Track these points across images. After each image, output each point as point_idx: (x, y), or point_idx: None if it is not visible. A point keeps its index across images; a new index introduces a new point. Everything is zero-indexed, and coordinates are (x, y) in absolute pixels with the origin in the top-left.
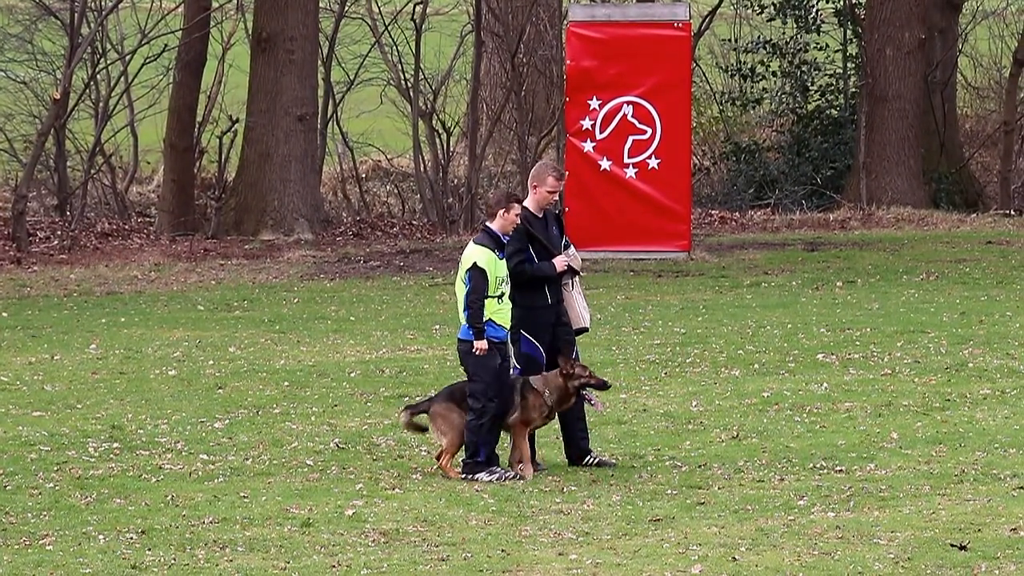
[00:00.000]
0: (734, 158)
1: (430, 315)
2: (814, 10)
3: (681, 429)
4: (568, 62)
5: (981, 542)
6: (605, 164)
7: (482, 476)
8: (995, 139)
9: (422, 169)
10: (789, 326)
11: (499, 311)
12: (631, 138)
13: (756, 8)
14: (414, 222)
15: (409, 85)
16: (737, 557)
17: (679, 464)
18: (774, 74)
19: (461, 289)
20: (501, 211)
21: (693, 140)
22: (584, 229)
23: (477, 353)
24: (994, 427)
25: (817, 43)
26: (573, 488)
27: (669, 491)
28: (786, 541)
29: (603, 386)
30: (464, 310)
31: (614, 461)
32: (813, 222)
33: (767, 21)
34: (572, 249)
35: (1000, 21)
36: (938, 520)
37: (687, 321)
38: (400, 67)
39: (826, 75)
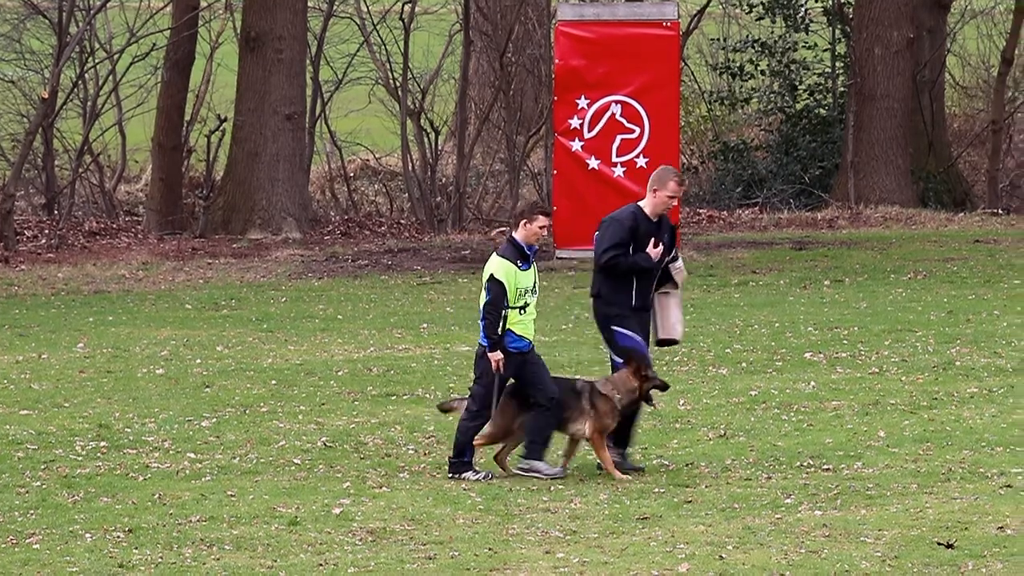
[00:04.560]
0: (722, 157)
1: (418, 314)
2: (803, 9)
3: (669, 428)
4: (556, 61)
5: (968, 540)
6: (593, 163)
7: (468, 475)
8: (983, 138)
9: (410, 168)
10: (777, 325)
11: (521, 322)
12: (619, 137)
13: (745, 7)
14: (402, 221)
15: (397, 84)
16: (724, 555)
17: (667, 463)
18: (763, 73)
19: (482, 299)
20: (524, 222)
21: (681, 139)
22: (572, 228)
23: (493, 366)
24: (981, 425)
25: (806, 42)
26: (560, 487)
27: (656, 489)
28: (773, 539)
29: (665, 387)
30: (481, 319)
31: (642, 465)
32: (801, 221)
33: (756, 20)
34: (680, 262)
35: (988, 20)
36: (925, 518)
37: None
38: (388, 66)
39: (815, 74)
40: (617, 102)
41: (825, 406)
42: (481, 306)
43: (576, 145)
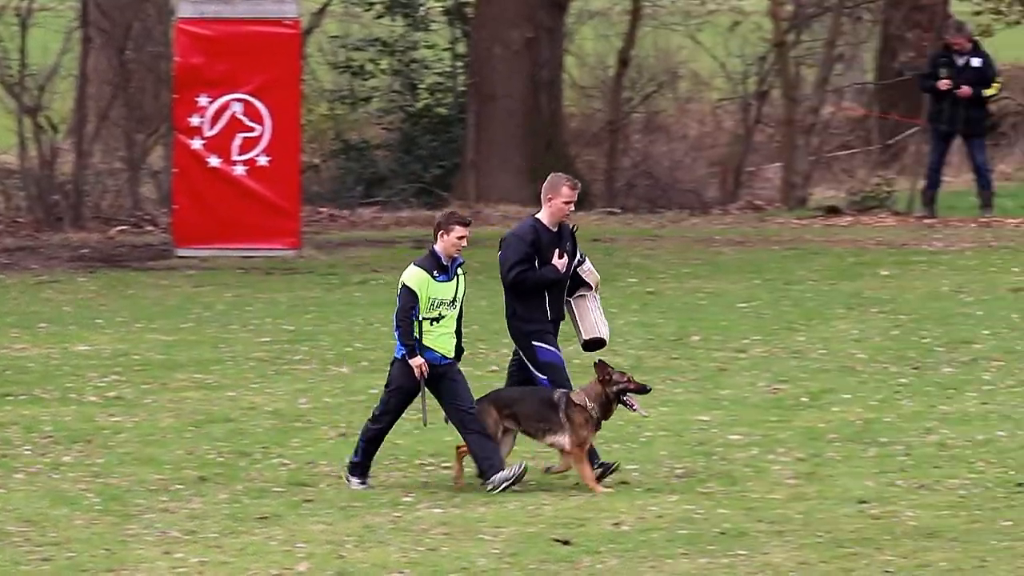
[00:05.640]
0: (344, 156)
1: (35, 313)
2: (423, 8)
3: (289, 427)
4: (177, 59)
5: (584, 537)
6: (214, 161)
7: (353, 481)
8: (600, 138)
9: (27, 166)
10: None
11: (429, 332)
12: (240, 135)
13: (365, 5)
14: (19, 219)
15: (14, 81)
16: (344, 554)
17: (287, 462)
18: (383, 72)
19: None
20: (440, 233)
21: (303, 138)
22: (193, 227)
23: (416, 372)
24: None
25: (426, 41)
26: (179, 487)
27: (276, 489)
28: (393, 537)
29: (643, 390)
30: (395, 328)
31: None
32: (422, 220)
33: (376, 19)
34: (588, 264)
35: (606, 21)
36: (542, 515)
37: (296, 319)
38: (5, 62)
39: (435, 73)
40: (238, 100)
41: None
42: (394, 316)
43: (197, 143)
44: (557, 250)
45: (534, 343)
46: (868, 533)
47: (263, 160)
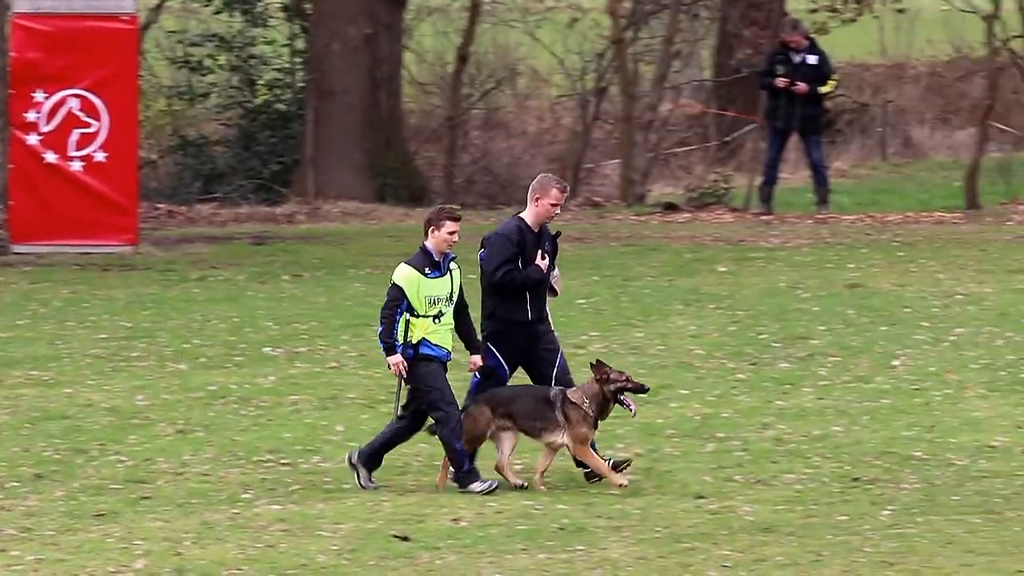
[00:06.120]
0: (182, 152)
1: None
2: (261, 4)
3: (126, 424)
4: (12, 54)
5: (424, 533)
6: (51, 157)
7: (474, 487)
8: (440, 134)
9: None
10: (236, 320)
11: (435, 331)
12: (77, 131)
13: (203, 1)
14: None
15: None
16: (181, 551)
17: (124, 459)
18: (222, 68)
19: None
20: (431, 229)
21: (141, 133)
22: (29, 223)
23: (392, 371)
24: None
25: (265, 37)
26: (15, 484)
27: (113, 486)
28: (231, 534)
29: (641, 389)
30: (379, 325)
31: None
32: (260, 216)
33: (214, 14)
34: (557, 272)
35: (445, 17)
36: (381, 512)
37: (133, 315)
38: None
39: (274, 69)
40: (75, 96)
41: (284, 401)
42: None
43: (33, 139)
44: (539, 251)
45: (488, 343)
46: (705, 528)
47: (100, 156)
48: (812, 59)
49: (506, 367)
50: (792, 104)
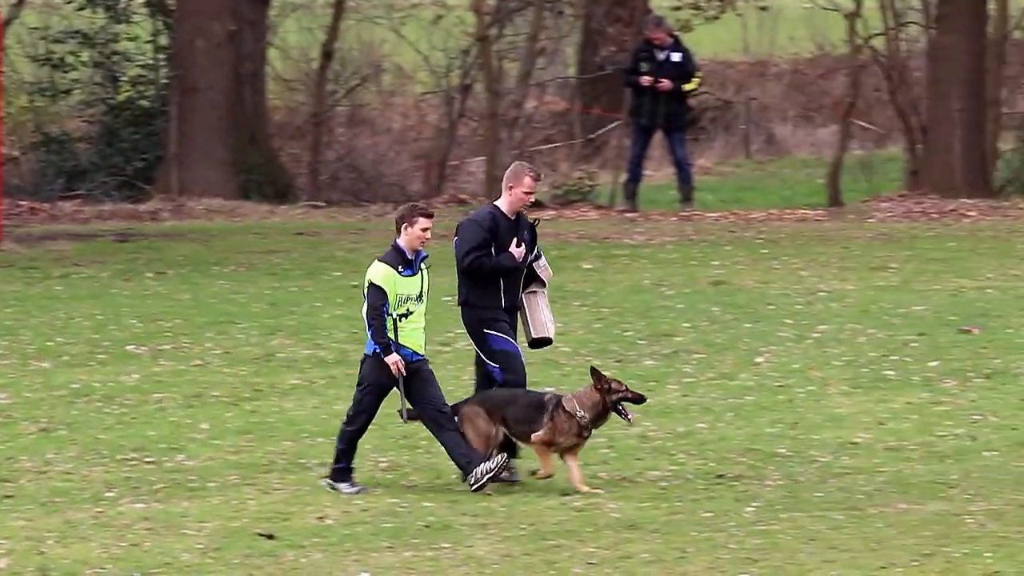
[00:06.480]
0: (44, 149)
1: None
2: (124, 0)
3: None
4: None
5: (289, 531)
6: None
7: (343, 487)
8: (304, 131)
9: None
10: (100, 317)
11: (402, 330)
12: None
13: None
14: None
15: None
16: (44, 550)
17: None
18: (84, 64)
19: (364, 307)
20: (404, 225)
21: (2, 130)
22: None
23: (393, 370)
24: (303, 417)
25: (128, 34)
26: None
27: None
28: (95, 533)
29: (640, 399)
30: (368, 328)
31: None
32: (124, 213)
33: (77, 11)
34: (544, 260)
35: (309, 14)
36: (247, 510)
37: None
38: None
39: (137, 66)
40: None
41: (148, 399)
42: (364, 314)
43: None
44: (515, 239)
45: (486, 331)
46: (571, 525)
47: None
48: (676, 56)
49: (514, 343)
50: (656, 101)
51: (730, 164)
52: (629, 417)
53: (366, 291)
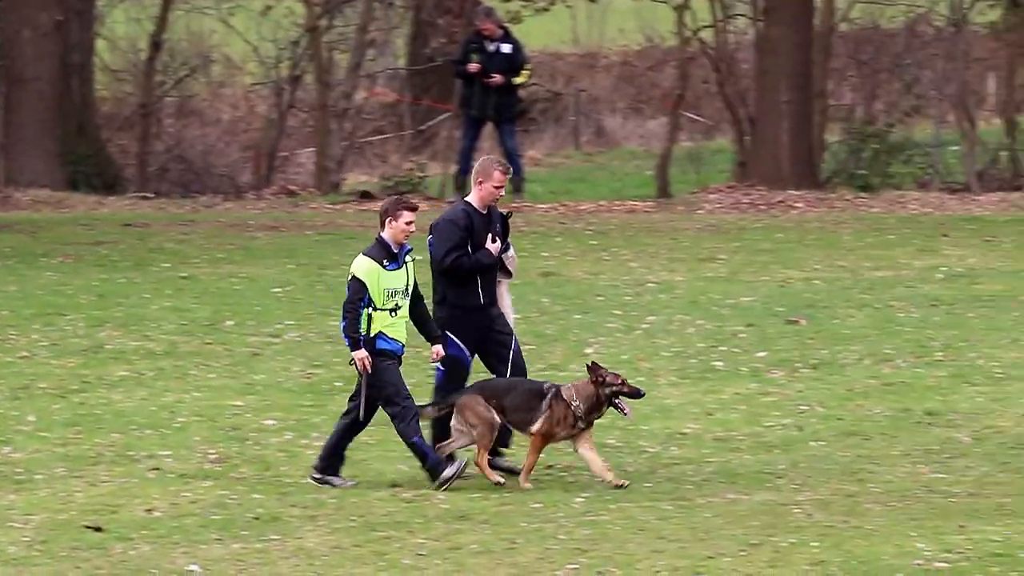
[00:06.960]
0: None
1: None
2: None
3: None
4: None
5: (117, 523)
6: None
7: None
8: (133, 122)
9: None
10: None
11: (392, 325)
12: None
13: None
14: None
15: None
16: None
17: None
18: None
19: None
20: (388, 219)
21: None
22: None
23: (357, 366)
24: (131, 408)
25: None
26: None
27: None
28: None
29: (637, 394)
30: (342, 319)
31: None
32: None
33: None
34: (512, 252)
35: (138, 4)
36: (74, 502)
37: None
38: None
39: None
40: None
41: None
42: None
43: None
44: (489, 234)
45: (446, 332)
46: (400, 516)
47: None
48: (506, 48)
49: (467, 354)
50: (486, 93)
51: (560, 155)
52: (626, 412)
53: (348, 284)
